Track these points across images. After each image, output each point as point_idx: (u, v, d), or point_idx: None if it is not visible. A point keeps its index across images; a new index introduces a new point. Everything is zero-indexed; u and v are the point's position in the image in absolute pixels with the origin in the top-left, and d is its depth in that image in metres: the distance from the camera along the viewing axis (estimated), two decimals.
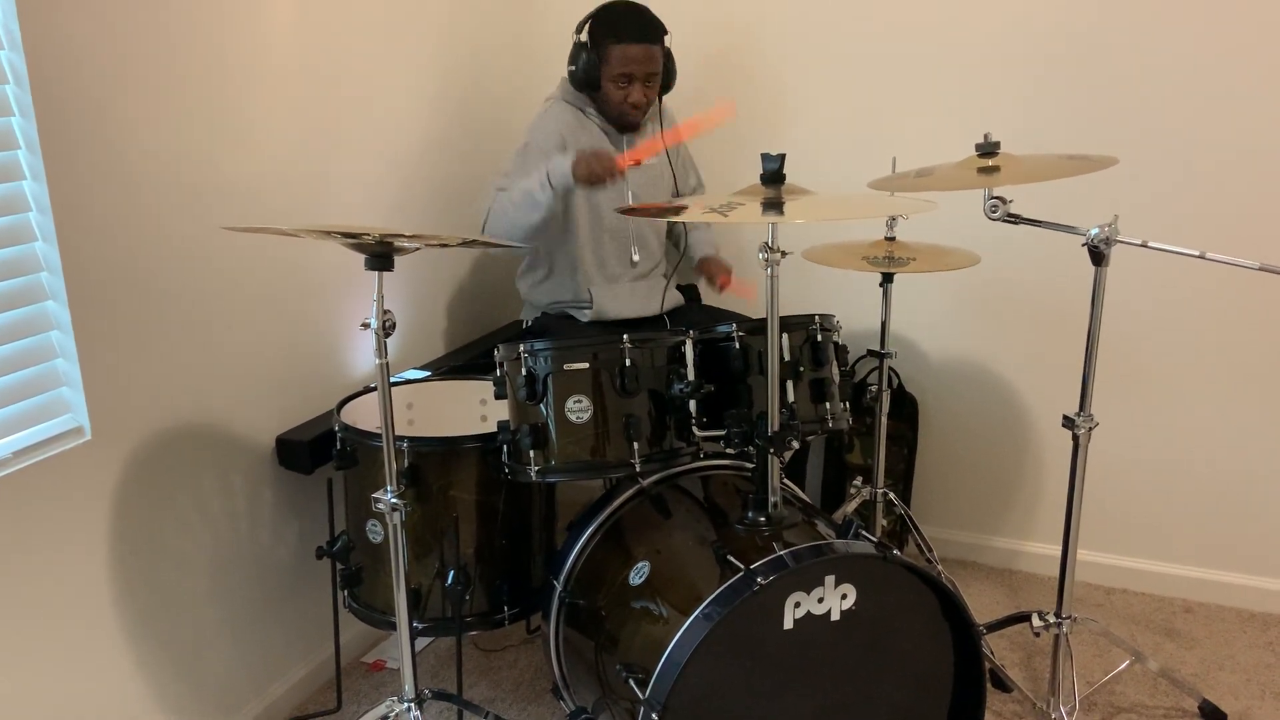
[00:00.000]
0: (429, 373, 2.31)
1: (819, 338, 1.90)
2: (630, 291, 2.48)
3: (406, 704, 1.82)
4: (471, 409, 2.28)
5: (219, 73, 1.89)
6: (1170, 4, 2.32)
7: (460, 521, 1.93)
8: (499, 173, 2.41)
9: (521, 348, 1.80)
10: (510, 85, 2.84)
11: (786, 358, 1.86)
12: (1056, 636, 2.04)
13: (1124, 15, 2.37)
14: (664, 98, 2.45)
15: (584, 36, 2.33)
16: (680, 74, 2.45)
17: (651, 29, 2.32)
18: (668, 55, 2.38)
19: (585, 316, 2.47)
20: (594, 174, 2.16)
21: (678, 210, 1.77)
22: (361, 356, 2.34)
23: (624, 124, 2.40)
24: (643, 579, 1.78)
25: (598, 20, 2.32)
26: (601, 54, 2.30)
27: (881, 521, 2.51)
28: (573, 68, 2.35)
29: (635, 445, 1.79)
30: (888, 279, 2.35)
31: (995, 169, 1.91)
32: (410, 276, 2.52)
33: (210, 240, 1.91)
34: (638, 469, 1.80)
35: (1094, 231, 1.83)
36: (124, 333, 1.76)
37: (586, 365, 1.78)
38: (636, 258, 2.47)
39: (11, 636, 1.62)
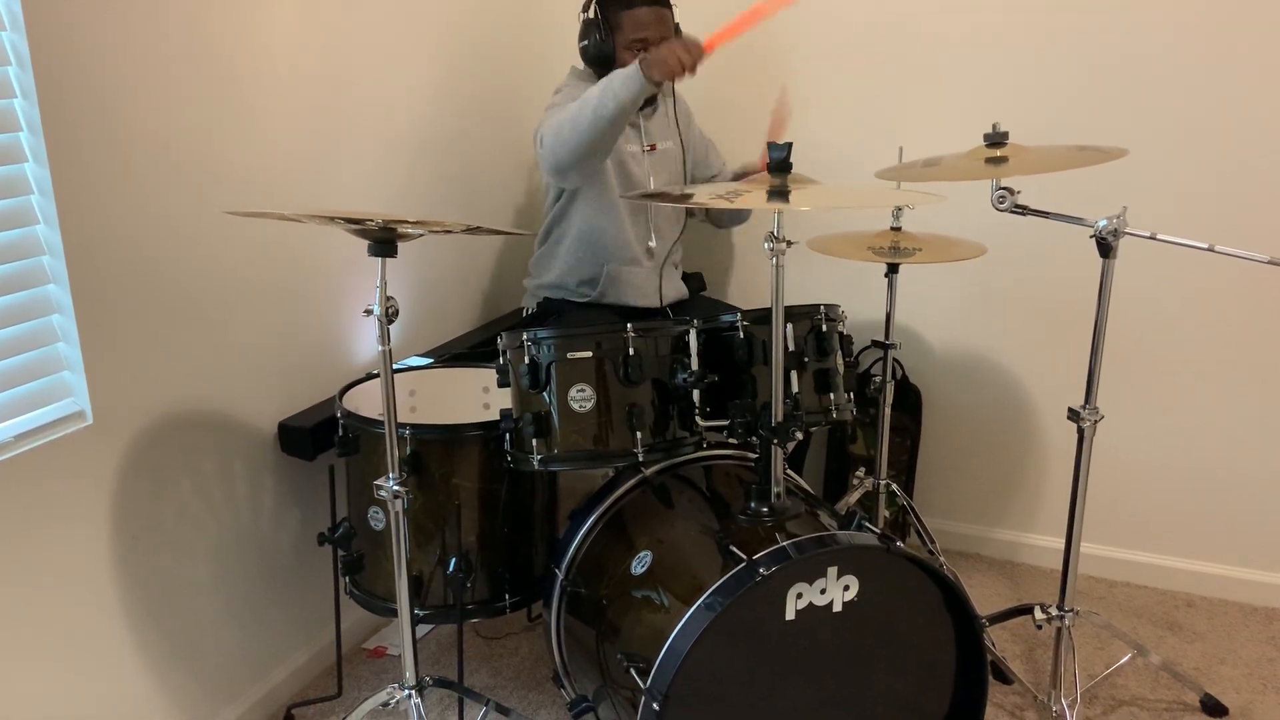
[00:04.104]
0: (432, 360, 2.31)
1: (824, 328, 1.89)
2: (644, 277, 2.47)
3: (407, 691, 1.82)
4: (474, 397, 2.27)
5: (222, 56, 1.88)
6: None
7: (462, 509, 1.93)
8: (546, 105, 2.36)
9: (525, 336, 1.80)
10: (515, 71, 2.83)
11: (791, 348, 1.85)
12: (1059, 629, 2.04)
13: (1134, 5, 2.35)
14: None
15: (592, 13, 2.33)
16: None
17: None
18: (677, 27, 2.37)
19: (588, 295, 2.46)
20: (670, 58, 2.01)
21: (685, 198, 1.76)
22: (364, 343, 2.34)
23: None
24: (645, 568, 1.77)
25: None
26: (612, 24, 2.31)
27: (884, 513, 2.51)
28: (584, 43, 2.34)
29: (638, 434, 1.79)
30: (893, 269, 2.33)
31: (1003, 159, 1.89)
32: (413, 263, 2.51)
33: (213, 225, 1.90)
34: (640, 458, 1.80)
35: (1102, 223, 1.82)
36: (126, 317, 1.75)
37: (590, 354, 1.78)
38: (653, 243, 2.46)
39: (11, 621, 1.62)
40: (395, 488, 1.70)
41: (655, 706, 1.53)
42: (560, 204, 2.46)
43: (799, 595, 1.61)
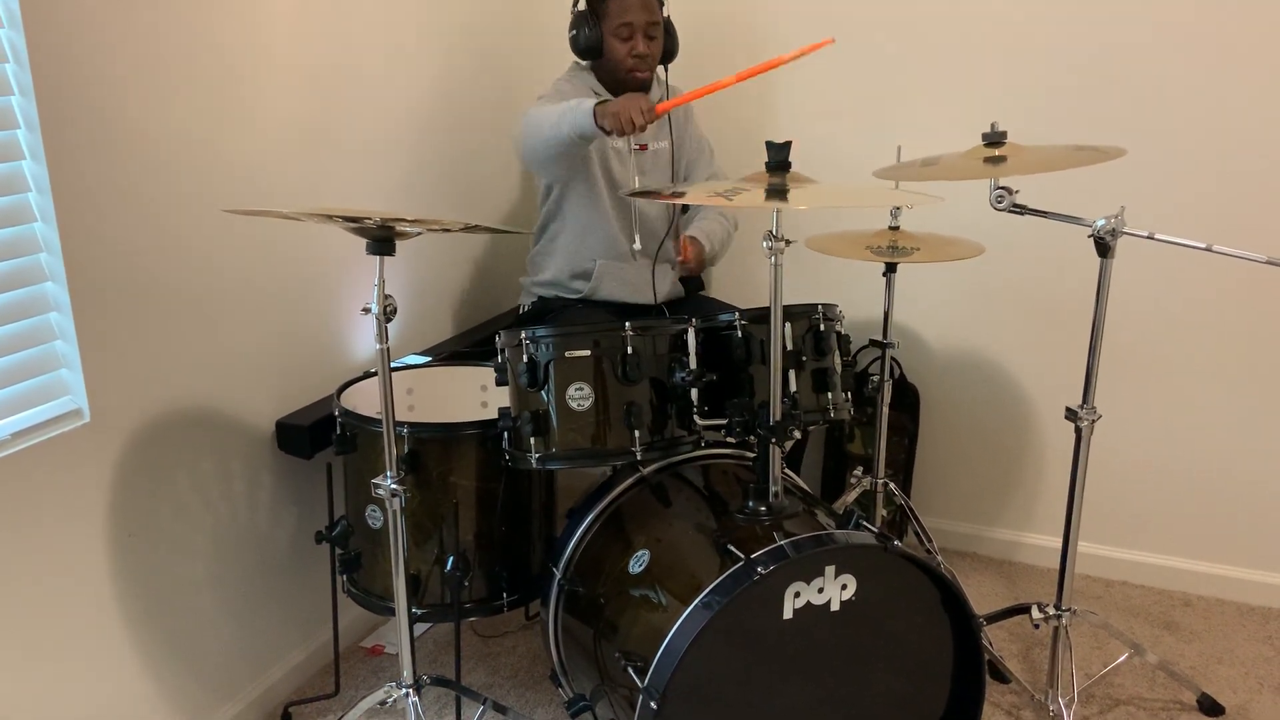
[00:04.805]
0: (430, 358, 2.31)
1: (821, 327, 1.89)
2: (634, 273, 2.47)
3: (405, 689, 1.82)
4: (472, 395, 2.27)
5: (220, 54, 1.88)
6: None
7: (460, 508, 1.93)
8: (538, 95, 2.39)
9: (523, 334, 1.80)
10: (513, 70, 2.82)
11: (789, 347, 1.85)
12: (1056, 628, 2.04)
13: (1134, 5, 2.35)
14: (668, 71, 2.43)
15: (581, 4, 2.35)
16: (684, 61, 2.44)
17: None
18: (668, 21, 2.37)
19: (580, 291, 2.46)
20: (623, 114, 2.04)
21: (681, 195, 1.76)
22: (362, 341, 2.34)
23: (632, 83, 2.38)
24: (642, 567, 1.77)
25: None
26: (600, 12, 2.32)
27: (881, 512, 2.51)
28: (574, 33, 2.35)
29: (636, 433, 1.79)
30: (891, 269, 2.33)
31: (1001, 159, 1.89)
32: (412, 262, 2.51)
33: (211, 223, 1.90)
34: (638, 457, 1.80)
35: (1100, 223, 1.82)
36: (123, 315, 1.75)
37: (588, 352, 1.78)
38: (638, 245, 2.46)
39: (8, 618, 1.62)
40: (393, 486, 1.70)
41: (653, 705, 1.53)
42: (553, 199, 2.46)
43: (797, 594, 1.61)
